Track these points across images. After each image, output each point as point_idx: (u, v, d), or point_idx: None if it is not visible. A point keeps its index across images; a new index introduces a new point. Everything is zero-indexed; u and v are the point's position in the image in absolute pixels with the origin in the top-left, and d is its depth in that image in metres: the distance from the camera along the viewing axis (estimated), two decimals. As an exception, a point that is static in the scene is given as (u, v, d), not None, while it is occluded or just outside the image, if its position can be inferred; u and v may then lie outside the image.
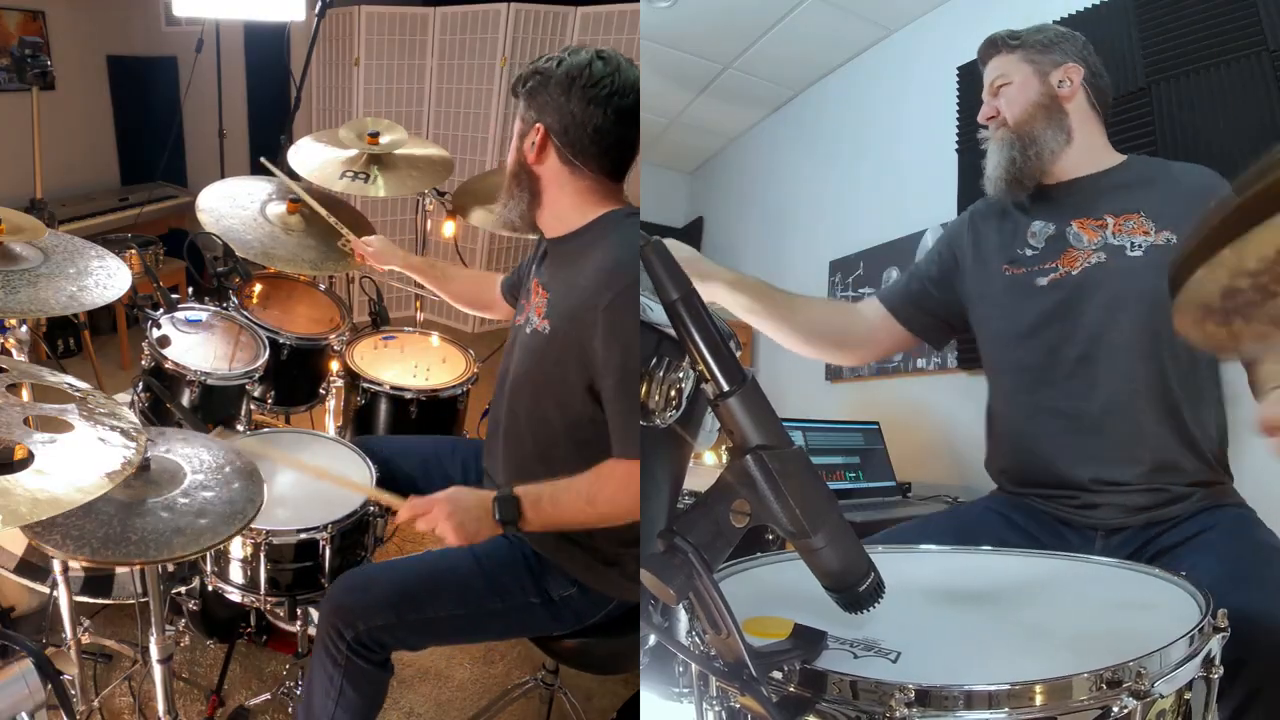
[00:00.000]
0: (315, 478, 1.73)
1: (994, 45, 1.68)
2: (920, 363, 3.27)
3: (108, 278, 1.80)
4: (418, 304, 2.96)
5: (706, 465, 1.75)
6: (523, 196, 1.57)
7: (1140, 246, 1.51)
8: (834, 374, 3.71)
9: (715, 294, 1.63)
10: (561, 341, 1.51)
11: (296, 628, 2.00)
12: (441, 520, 1.48)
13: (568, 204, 1.55)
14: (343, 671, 1.53)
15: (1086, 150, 1.61)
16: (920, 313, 1.78)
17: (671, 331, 0.87)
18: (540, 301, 1.58)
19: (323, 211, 2.30)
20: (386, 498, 1.59)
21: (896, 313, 1.78)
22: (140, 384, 2.02)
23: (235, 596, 1.69)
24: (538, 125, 1.51)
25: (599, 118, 1.47)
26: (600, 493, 1.45)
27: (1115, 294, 1.51)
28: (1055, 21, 2.40)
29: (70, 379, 1.45)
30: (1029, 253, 1.62)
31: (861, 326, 1.81)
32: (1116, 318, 1.50)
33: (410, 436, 2.14)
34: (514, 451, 1.65)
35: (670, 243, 1.48)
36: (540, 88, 1.50)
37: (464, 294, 2.15)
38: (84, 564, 1.79)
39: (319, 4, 2.84)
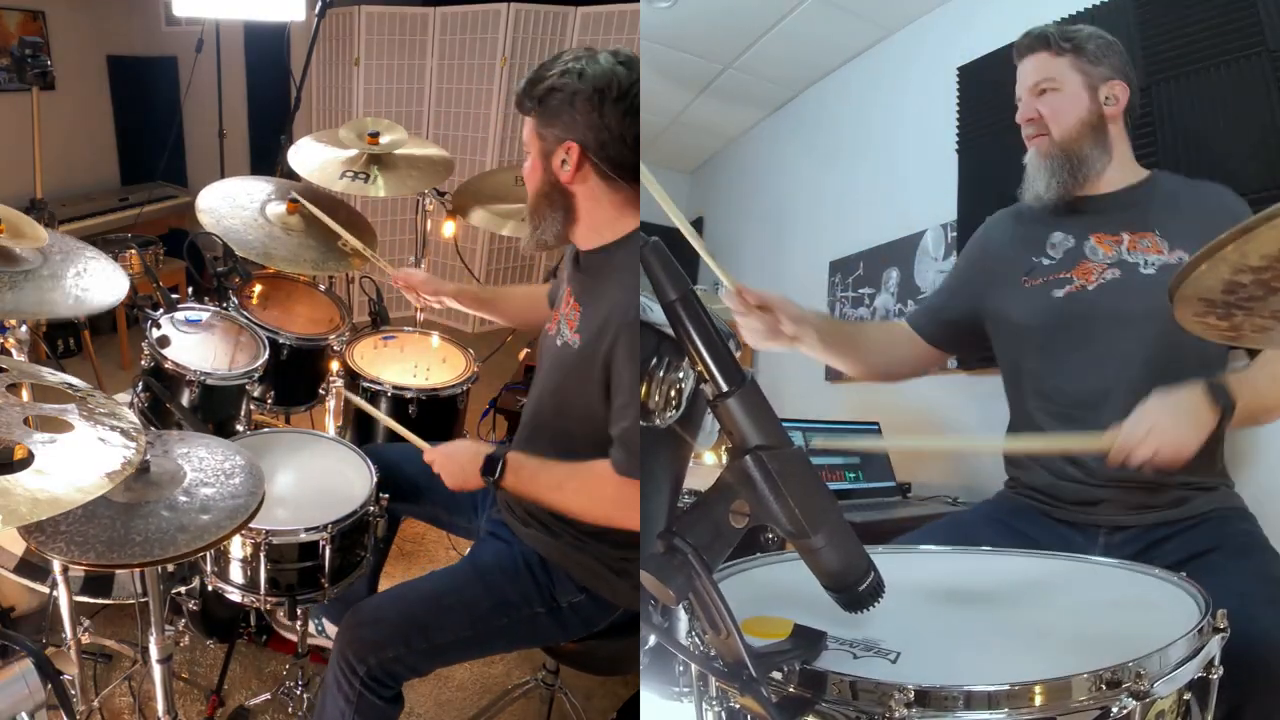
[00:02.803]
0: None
1: (1045, 42, 1.60)
2: (920, 363, 3.26)
3: (106, 280, 1.80)
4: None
5: (706, 465, 1.75)
6: (556, 216, 1.51)
7: (1153, 265, 1.52)
8: (834, 374, 3.70)
9: (806, 340, 1.56)
10: (589, 356, 1.48)
11: (297, 628, 2.01)
12: (441, 467, 1.66)
13: (604, 217, 1.50)
14: (354, 708, 1.54)
15: (1118, 167, 1.60)
16: (941, 326, 1.78)
17: (671, 332, 0.87)
18: (573, 314, 1.55)
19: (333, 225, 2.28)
20: (413, 438, 1.78)
21: (920, 329, 1.79)
22: (140, 384, 2.02)
23: (235, 596, 1.68)
24: (569, 144, 1.44)
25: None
26: (572, 483, 1.50)
27: (1127, 310, 1.52)
28: (1055, 23, 2.40)
29: (70, 379, 1.45)
30: (1046, 262, 1.62)
31: (902, 349, 1.81)
32: (1127, 333, 1.51)
33: (408, 446, 2.11)
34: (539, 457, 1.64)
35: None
36: (565, 104, 1.42)
37: (519, 315, 2.10)
38: (87, 566, 1.79)
39: (319, 4, 2.84)
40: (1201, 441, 1.32)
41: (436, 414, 2.25)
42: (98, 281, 1.80)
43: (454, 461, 1.65)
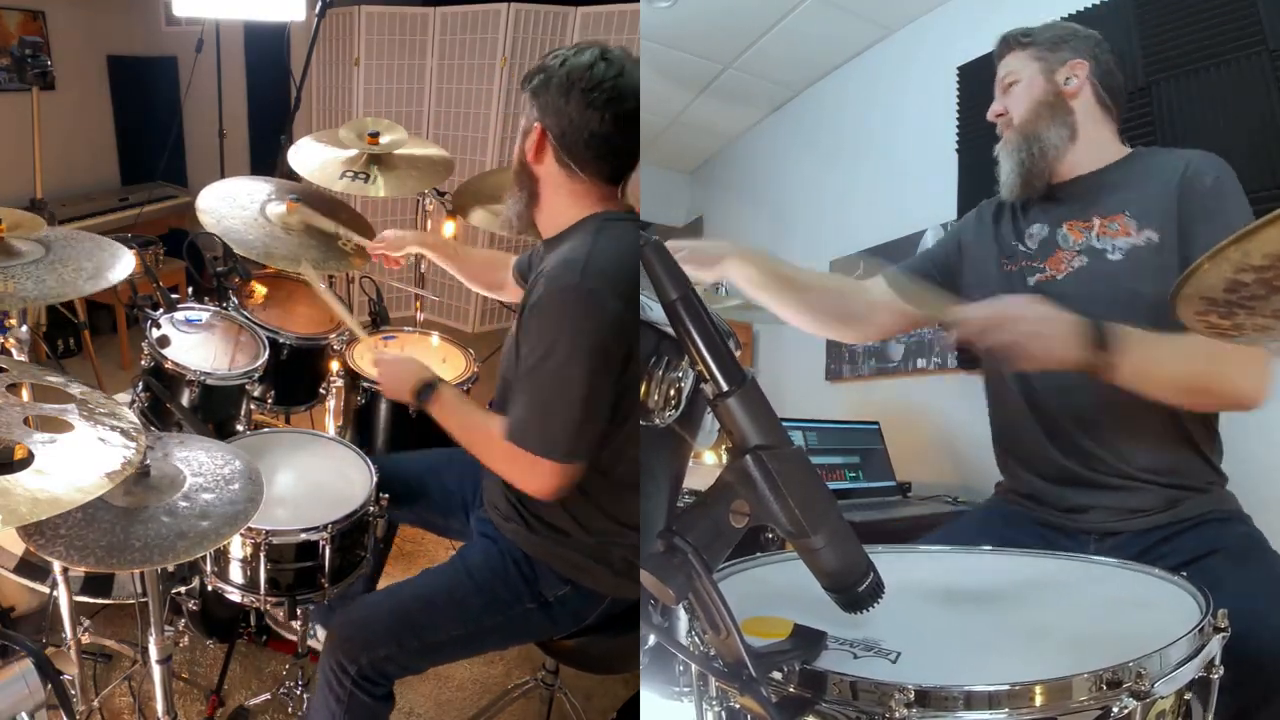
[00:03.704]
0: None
1: (1006, 43, 1.67)
2: (920, 363, 3.27)
3: (112, 259, 1.80)
4: (418, 304, 2.96)
5: (706, 465, 1.75)
6: (522, 196, 1.58)
7: (1120, 249, 1.50)
8: (834, 374, 3.71)
9: (726, 269, 1.62)
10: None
11: (297, 627, 2.01)
12: (382, 368, 1.77)
13: (561, 206, 1.55)
14: (345, 707, 1.54)
15: (1092, 147, 1.59)
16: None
17: (671, 330, 0.87)
18: None
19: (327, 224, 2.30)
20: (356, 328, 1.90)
21: (901, 290, 1.76)
22: (140, 384, 2.02)
23: (235, 596, 1.68)
24: (537, 125, 1.50)
25: (595, 123, 1.46)
26: (476, 433, 1.58)
27: (1094, 298, 1.48)
28: (1056, 21, 2.40)
29: (70, 378, 1.44)
30: (1022, 249, 1.62)
31: (862, 303, 1.79)
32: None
33: (407, 453, 2.11)
34: None
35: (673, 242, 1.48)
36: (542, 87, 1.49)
37: (477, 275, 2.16)
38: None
39: (319, 4, 2.84)
40: (1058, 361, 1.29)
41: (437, 414, 2.25)
42: (105, 260, 1.79)
43: (396, 372, 1.71)
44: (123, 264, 1.80)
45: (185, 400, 2.01)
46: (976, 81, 2.96)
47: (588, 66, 1.46)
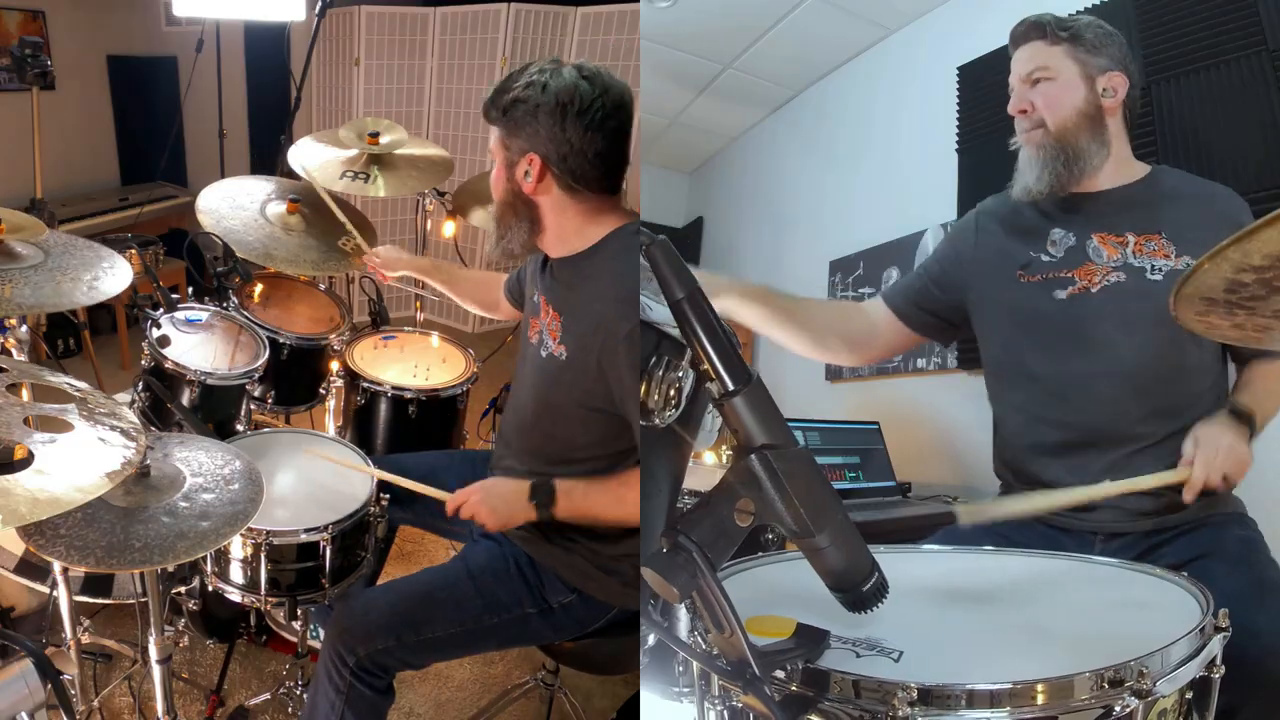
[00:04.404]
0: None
1: (1040, 29, 1.55)
2: (920, 363, 3.27)
3: (110, 271, 1.79)
4: (418, 304, 2.95)
5: (706, 465, 1.75)
6: (522, 226, 1.52)
7: (1160, 270, 1.49)
8: (834, 374, 3.71)
9: (729, 308, 1.58)
10: (578, 367, 1.49)
11: (297, 627, 2.01)
12: (478, 508, 1.55)
13: (570, 226, 1.51)
14: (345, 699, 1.54)
15: (1118, 163, 1.56)
16: (922, 312, 1.74)
17: (671, 330, 0.87)
18: (554, 324, 1.54)
19: (338, 213, 2.30)
20: (432, 492, 1.64)
21: (899, 312, 1.75)
22: (140, 384, 2.02)
23: (235, 596, 1.68)
24: (530, 156, 1.46)
25: (599, 143, 1.43)
26: (631, 495, 1.47)
27: (1133, 315, 1.49)
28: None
29: (70, 379, 1.44)
30: (1045, 259, 1.58)
31: (864, 326, 1.78)
32: (1133, 339, 1.49)
33: (408, 454, 2.09)
34: (532, 469, 1.64)
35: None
36: (528, 117, 1.43)
37: (471, 295, 2.15)
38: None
39: (319, 4, 2.84)
40: (1250, 456, 1.39)
41: (436, 414, 2.25)
42: (103, 271, 1.79)
43: (496, 497, 1.57)
44: (120, 275, 1.79)
45: (185, 400, 2.00)
46: (976, 82, 2.96)
47: (573, 87, 1.41)
